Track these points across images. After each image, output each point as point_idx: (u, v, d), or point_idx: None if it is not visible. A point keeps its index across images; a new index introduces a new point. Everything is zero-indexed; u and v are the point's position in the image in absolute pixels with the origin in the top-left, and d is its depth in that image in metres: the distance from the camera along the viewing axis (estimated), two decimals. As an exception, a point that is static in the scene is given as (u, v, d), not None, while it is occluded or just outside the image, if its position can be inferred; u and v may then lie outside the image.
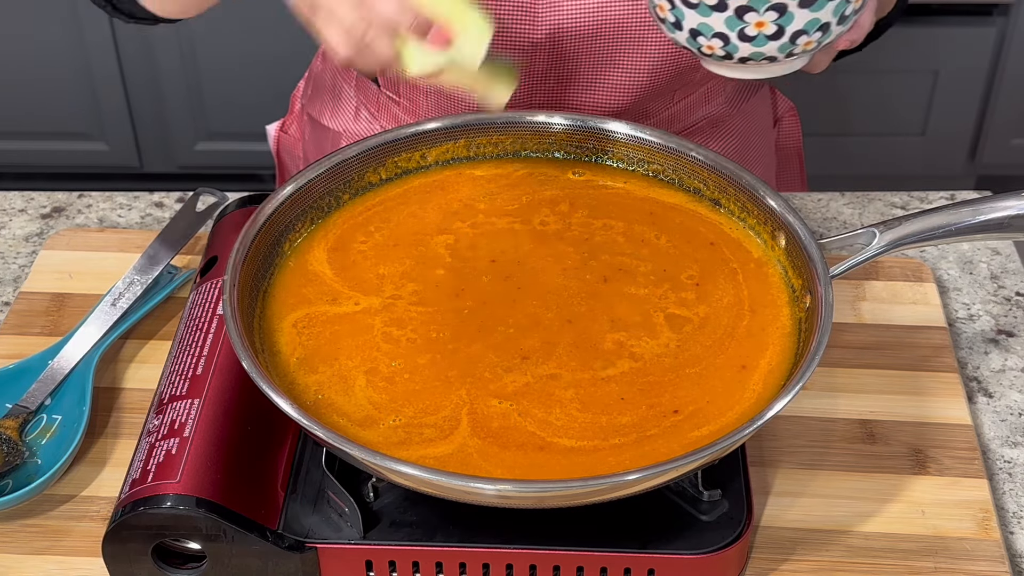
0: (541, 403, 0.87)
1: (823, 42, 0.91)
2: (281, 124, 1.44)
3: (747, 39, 0.90)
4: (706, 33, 0.91)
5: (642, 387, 0.88)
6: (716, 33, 0.90)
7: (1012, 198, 0.94)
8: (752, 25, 0.89)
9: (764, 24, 0.89)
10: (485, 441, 0.85)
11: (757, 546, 0.93)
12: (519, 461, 0.84)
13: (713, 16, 0.89)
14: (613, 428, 0.86)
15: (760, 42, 0.90)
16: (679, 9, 0.90)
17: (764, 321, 0.93)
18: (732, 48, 0.91)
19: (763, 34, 0.89)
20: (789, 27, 0.89)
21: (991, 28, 2.42)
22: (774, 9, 0.88)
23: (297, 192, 0.99)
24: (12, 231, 1.23)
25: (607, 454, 0.84)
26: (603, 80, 1.15)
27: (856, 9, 0.91)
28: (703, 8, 0.89)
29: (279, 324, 0.93)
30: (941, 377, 1.06)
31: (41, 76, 2.52)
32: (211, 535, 0.86)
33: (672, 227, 1.01)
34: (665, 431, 0.86)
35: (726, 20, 0.89)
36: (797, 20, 0.89)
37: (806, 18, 0.89)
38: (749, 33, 0.89)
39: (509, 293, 0.95)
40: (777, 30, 0.89)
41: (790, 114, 1.40)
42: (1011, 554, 0.95)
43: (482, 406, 0.87)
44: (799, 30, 0.89)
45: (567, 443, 0.85)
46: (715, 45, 0.91)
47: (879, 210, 1.26)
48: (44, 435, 1.00)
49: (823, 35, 0.90)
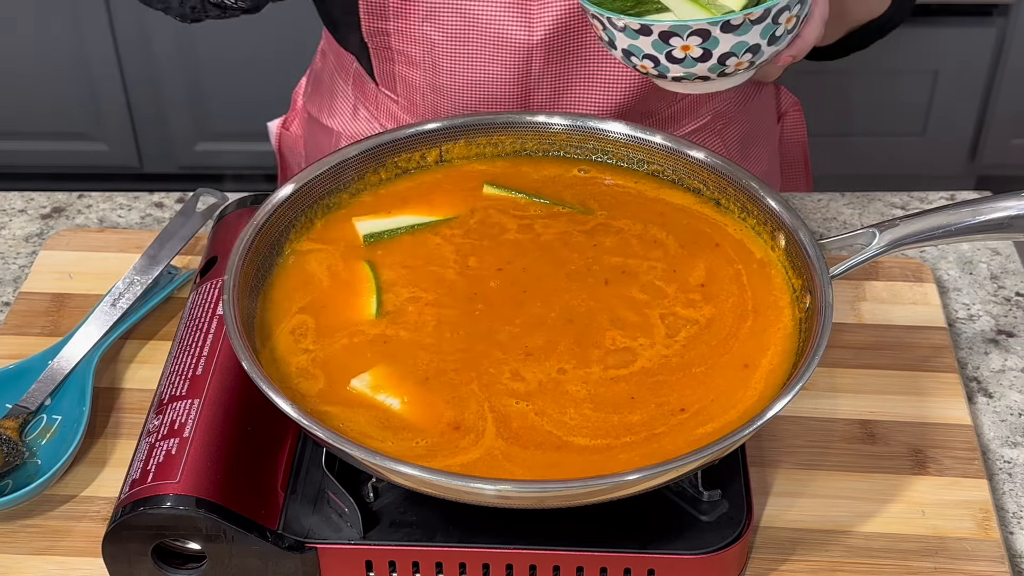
0: (556, 402, 0.87)
1: (757, 62, 0.91)
2: (283, 121, 1.44)
3: (675, 60, 0.90)
4: (637, 54, 0.91)
5: (651, 386, 0.89)
6: (646, 55, 0.91)
7: (1012, 198, 0.93)
8: (678, 48, 0.89)
9: (690, 48, 0.89)
10: (508, 442, 0.85)
11: (757, 546, 0.93)
12: (538, 460, 0.84)
13: (641, 39, 0.90)
14: (624, 426, 0.86)
15: (689, 63, 0.90)
16: (610, 31, 0.91)
17: (767, 321, 0.93)
18: (663, 68, 0.91)
19: (690, 56, 0.89)
20: (716, 50, 0.89)
21: (991, 28, 2.42)
22: (697, 35, 0.88)
23: (297, 192, 0.99)
24: (12, 231, 1.23)
25: (618, 451, 0.84)
26: (601, 78, 1.15)
27: (790, 29, 0.90)
28: (629, 32, 0.90)
29: (279, 326, 0.93)
30: (941, 377, 1.06)
31: (41, 76, 2.52)
32: (211, 535, 0.86)
33: (680, 228, 1.01)
34: (672, 429, 0.86)
35: (652, 43, 0.89)
36: (723, 44, 0.88)
37: (731, 41, 0.88)
38: (676, 56, 0.90)
39: (516, 296, 0.95)
40: (703, 53, 0.89)
41: (794, 109, 1.40)
42: (1011, 554, 0.95)
43: (499, 406, 0.87)
44: (726, 52, 0.89)
45: (583, 442, 0.85)
46: (647, 65, 0.92)
47: (879, 210, 1.26)
48: (44, 435, 1.00)
49: (754, 55, 0.90)
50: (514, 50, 1.12)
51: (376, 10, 1.12)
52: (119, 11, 2.42)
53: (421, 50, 1.13)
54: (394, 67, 1.17)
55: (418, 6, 1.09)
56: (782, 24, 0.89)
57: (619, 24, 0.90)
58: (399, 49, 1.14)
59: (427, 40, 1.11)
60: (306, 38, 1.00)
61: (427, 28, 1.10)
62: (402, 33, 1.12)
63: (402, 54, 1.15)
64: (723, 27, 0.87)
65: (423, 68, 1.15)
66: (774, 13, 0.88)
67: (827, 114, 2.50)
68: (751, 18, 0.87)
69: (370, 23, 1.13)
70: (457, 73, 1.14)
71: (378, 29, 1.13)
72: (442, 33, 1.11)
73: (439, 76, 1.15)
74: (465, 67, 1.14)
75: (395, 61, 1.16)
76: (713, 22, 0.87)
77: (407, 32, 1.12)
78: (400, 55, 1.15)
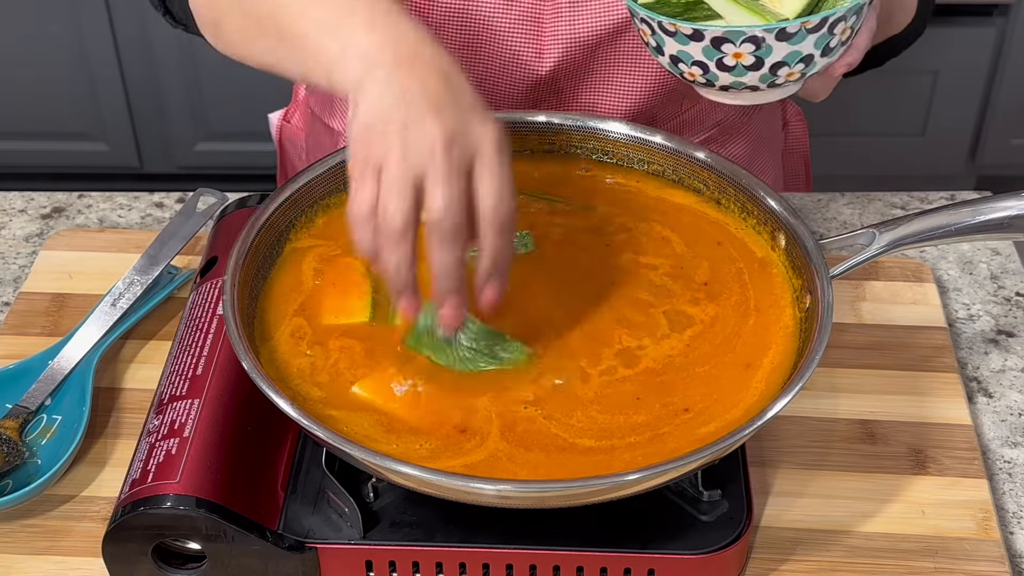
0: (562, 407, 0.87)
1: (808, 73, 0.89)
2: (284, 113, 1.43)
3: (726, 68, 0.88)
4: (686, 61, 0.89)
5: (656, 386, 0.89)
6: (695, 61, 0.89)
7: (1012, 198, 0.93)
8: (730, 56, 0.87)
9: (742, 55, 0.87)
10: (513, 445, 0.85)
11: (757, 546, 0.93)
12: (542, 461, 0.84)
13: (691, 45, 0.88)
14: (630, 427, 0.86)
15: (740, 72, 0.88)
16: (659, 36, 0.89)
17: (768, 320, 0.93)
18: (712, 76, 0.89)
19: (742, 64, 0.88)
20: (768, 59, 0.87)
21: (991, 28, 2.42)
22: (750, 42, 0.86)
23: (297, 192, 0.99)
24: (12, 231, 1.23)
25: (623, 452, 0.84)
26: (608, 90, 1.15)
27: (843, 41, 0.89)
28: (680, 37, 0.88)
29: (279, 326, 0.93)
30: (941, 377, 1.06)
31: (41, 76, 2.52)
32: (211, 535, 0.86)
33: (682, 226, 1.01)
34: (676, 428, 0.86)
35: (703, 49, 0.88)
36: (776, 52, 0.87)
37: (785, 50, 0.87)
38: (727, 63, 0.88)
39: (520, 294, 0.95)
40: (755, 61, 0.87)
41: (797, 118, 1.40)
42: (1011, 554, 0.95)
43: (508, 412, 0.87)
44: (779, 62, 0.87)
45: (587, 443, 0.85)
46: (695, 72, 0.90)
47: (879, 210, 1.26)
48: (44, 435, 1.00)
49: (807, 66, 0.88)
50: (523, 74, 1.12)
51: None
52: (119, 11, 2.42)
53: None
54: None
55: (432, 15, 1.09)
56: (836, 35, 0.87)
57: (670, 28, 0.87)
58: None
59: None
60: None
61: (439, 36, 1.10)
62: None
63: None
64: (778, 35, 0.85)
65: None
66: (831, 23, 0.86)
67: (827, 114, 2.49)
68: (807, 27, 0.85)
69: None
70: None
71: None
72: (453, 42, 1.11)
73: None
74: (473, 77, 1.13)
75: None
76: (768, 29, 0.85)
77: None
78: None
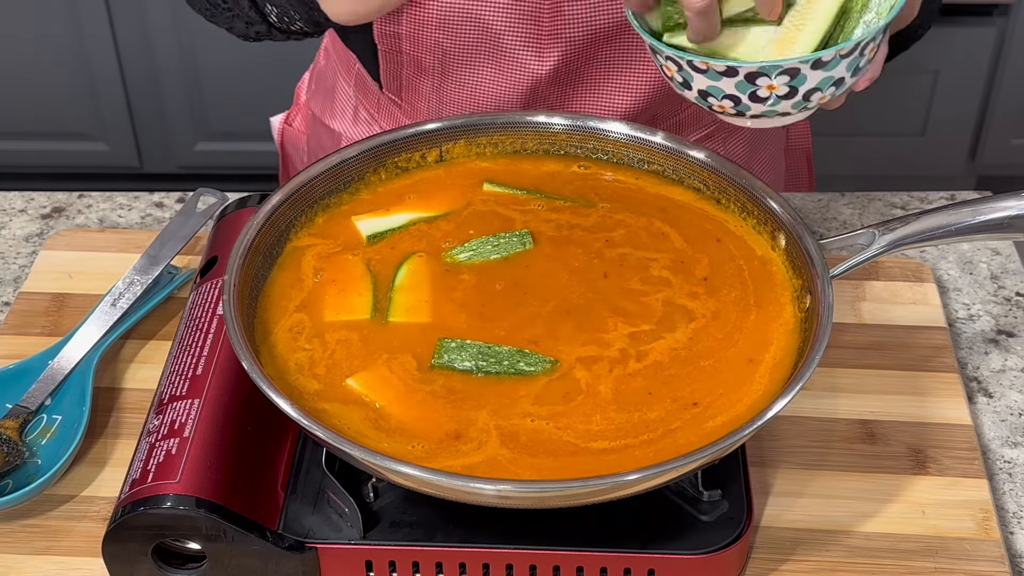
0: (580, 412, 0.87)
1: (838, 94, 0.88)
2: (286, 117, 1.44)
3: (759, 100, 0.86)
4: (716, 95, 0.87)
5: (665, 380, 0.89)
6: (727, 95, 0.87)
7: (1012, 198, 0.93)
8: (763, 88, 0.85)
9: (776, 87, 0.85)
10: (515, 451, 0.84)
11: (757, 546, 0.93)
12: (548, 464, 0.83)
13: (723, 80, 0.86)
14: (644, 424, 0.86)
15: (773, 102, 0.86)
16: (687, 72, 0.87)
17: (769, 316, 0.93)
18: (744, 108, 0.87)
19: (775, 95, 0.86)
20: (802, 87, 0.85)
21: (991, 28, 2.42)
22: (786, 73, 0.84)
23: (297, 192, 0.99)
24: (12, 231, 1.23)
25: (635, 449, 0.84)
26: (607, 89, 1.15)
27: (870, 59, 0.88)
28: (712, 74, 0.85)
29: (278, 324, 0.93)
30: (941, 377, 1.06)
31: (41, 76, 2.52)
32: (211, 535, 0.86)
33: (682, 223, 1.01)
34: (686, 423, 0.86)
35: (736, 84, 0.85)
36: (810, 80, 0.85)
37: (819, 77, 0.85)
38: (761, 95, 0.86)
39: (518, 296, 0.95)
40: (790, 91, 0.86)
41: None
42: (1011, 554, 0.95)
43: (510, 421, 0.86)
44: (812, 88, 0.86)
45: (601, 444, 0.85)
46: (726, 105, 0.88)
47: (879, 210, 1.26)
48: (44, 435, 1.00)
49: (837, 89, 0.87)
50: (523, 74, 1.12)
51: (389, 13, 1.12)
52: (119, 11, 2.42)
53: (431, 56, 1.13)
54: (401, 70, 1.17)
55: (432, 13, 1.09)
56: (866, 55, 0.86)
57: (701, 67, 0.85)
58: (409, 53, 1.14)
59: (439, 47, 1.11)
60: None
61: (439, 35, 1.10)
62: (413, 38, 1.11)
63: (411, 58, 1.14)
64: (813, 64, 0.84)
65: (431, 74, 1.15)
66: (862, 46, 0.85)
67: (826, 114, 2.49)
68: (842, 53, 0.84)
69: (382, 25, 1.12)
70: (465, 82, 1.14)
71: (390, 32, 1.12)
72: (454, 42, 1.11)
73: (447, 83, 1.15)
74: (473, 77, 1.13)
75: (403, 65, 1.16)
76: (804, 60, 0.83)
77: (419, 37, 1.11)
78: (409, 59, 1.15)
